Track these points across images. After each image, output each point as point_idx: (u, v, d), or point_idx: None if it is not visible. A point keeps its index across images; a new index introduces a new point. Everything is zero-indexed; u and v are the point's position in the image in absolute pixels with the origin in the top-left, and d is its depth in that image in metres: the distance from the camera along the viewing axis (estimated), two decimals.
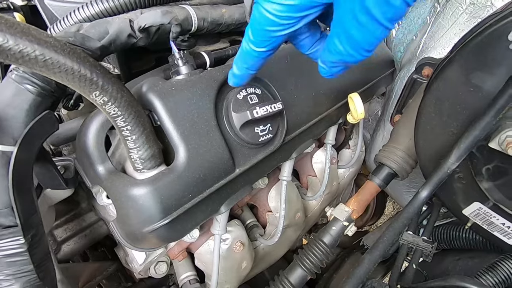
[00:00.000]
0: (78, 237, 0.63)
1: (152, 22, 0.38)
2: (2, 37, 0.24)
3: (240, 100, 0.44)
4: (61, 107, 0.48)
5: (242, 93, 0.44)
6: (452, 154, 0.43)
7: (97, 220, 0.64)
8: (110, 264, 0.69)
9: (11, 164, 0.28)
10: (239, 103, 0.44)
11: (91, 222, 0.64)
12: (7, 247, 0.29)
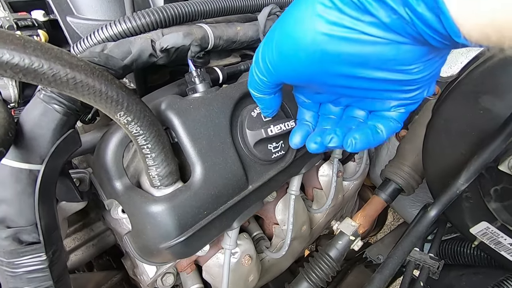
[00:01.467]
0: (86, 246, 0.63)
1: (174, 43, 0.39)
2: (38, 62, 0.25)
3: (254, 118, 0.45)
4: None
5: (256, 111, 0.45)
6: (462, 175, 0.44)
7: (105, 229, 0.65)
8: (115, 274, 0.70)
9: (38, 183, 0.29)
10: (253, 121, 0.45)
11: (99, 231, 0.64)
12: (29, 263, 0.30)
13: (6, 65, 0.24)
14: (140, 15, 0.39)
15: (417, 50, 0.25)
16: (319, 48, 0.25)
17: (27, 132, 0.29)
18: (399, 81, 0.27)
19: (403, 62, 0.26)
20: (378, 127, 0.32)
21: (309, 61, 0.26)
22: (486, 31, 0.19)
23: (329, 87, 0.31)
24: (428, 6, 0.21)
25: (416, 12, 0.21)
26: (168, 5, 0.42)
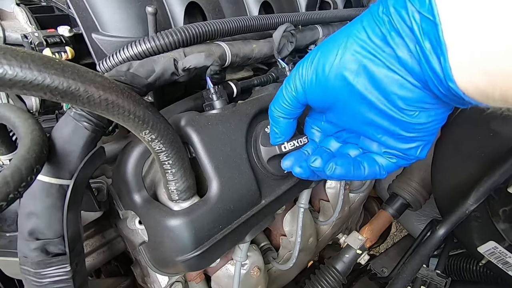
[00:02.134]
0: (97, 253, 0.64)
1: (196, 64, 0.40)
2: (75, 85, 0.26)
3: (268, 134, 0.46)
4: None
5: (270, 127, 0.46)
6: (471, 196, 0.45)
7: (115, 236, 0.66)
8: (123, 280, 0.70)
9: (67, 197, 0.30)
10: (267, 137, 0.46)
11: (110, 238, 0.65)
12: (55, 274, 0.31)
13: (47, 88, 0.25)
14: (163, 35, 0.41)
15: (418, 92, 0.27)
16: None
17: (58, 149, 0.31)
18: (394, 118, 0.29)
19: (403, 99, 0.27)
20: (362, 164, 0.34)
21: (335, 81, 0.30)
22: (475, 78, 0.21)
23: (343, 114, 0.33)
24: (433, 46, 0.22)
25: (423, 49, 0.23)
26: (190, 25, 0.44)
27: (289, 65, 0.56)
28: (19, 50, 0.25)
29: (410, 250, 0.73)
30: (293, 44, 0.59)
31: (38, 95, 0.26)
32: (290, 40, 0.59)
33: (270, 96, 0.51)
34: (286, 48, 0.59)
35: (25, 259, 0.31)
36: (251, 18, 0.52)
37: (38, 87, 0.25)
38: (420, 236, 0.73)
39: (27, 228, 0.30)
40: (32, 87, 0.25)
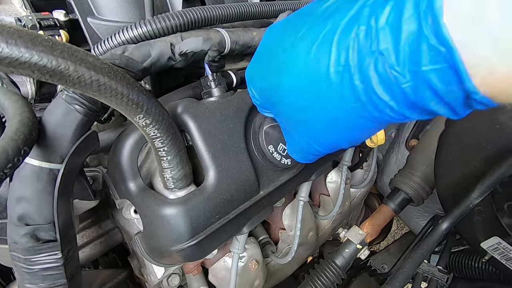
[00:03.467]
0: (94, 244, 0.64)
1: (194, 48, 0.39)
2: (65, 64, 0.25)
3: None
4: None
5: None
6: (476, 189, 0.44)
7: (113, 227, 0.65)
8: (120, 272, 0.70)
9: (58, 182, 0.29)
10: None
11: (107, 229, 0.65)
12: (45, 261, 0.30)
13: (34, 66, 0.24)
14: (160, 19, 0.39)
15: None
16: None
17: (49, 132, 0.30)
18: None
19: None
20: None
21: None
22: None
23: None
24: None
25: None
26: (188, 9, 0.42)
27: None
28: (5, 26, 0.24)
29: (411, 246, 0.72)
30: None
31: (26, 73, 0.25)
32: None
33: None
34: None
35: (14, 245, 0.30)
36: (251, 4, 0.50)
37: (25, 65, 0.24)
38: (421, 232, 0.72)
39: (17, 213, 0.29)
40: (19, 64, 0.24)
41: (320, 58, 0.25)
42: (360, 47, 0.22)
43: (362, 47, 0.22)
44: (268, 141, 0.44)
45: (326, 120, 0.28)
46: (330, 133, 0.29)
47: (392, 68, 0.20)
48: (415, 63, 0.19)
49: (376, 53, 0.21)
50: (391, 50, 0.20)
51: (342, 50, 0.23)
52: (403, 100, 0.21)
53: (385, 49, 0.20)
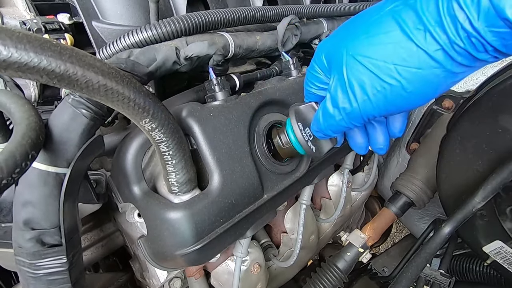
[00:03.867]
0: (95, 247, 0.64)
1: (199, 52, 0.39)
2: (73, 69, 0.25)
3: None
4: None
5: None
6: (478, 193, 0.44)
7: (114, 231, 0.65)
8: (121, 275, 0.70)
9: (64, 186, 0.29)
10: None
11: (108, 232, 0.65)
12: (50, 265, 0.30)
13: (43, 71, 0.24)
14: (165, 23, 0.40)
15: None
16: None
17: (55, 136, 0.30)
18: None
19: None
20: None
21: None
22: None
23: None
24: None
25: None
26: (192, 13, 0.42)
27: (292, 59, 0.55)
28: (15, 30, 0.24)
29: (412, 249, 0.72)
30: (297, 37, 0.58)
31: (34, 78, 0.25)
32: (294, 33, 0.58)
33: (273, 89, 0.50)
34: (290, 41, 0.58)
35: (20, 249, 0.30)
36: (255, 8, 0.50)
37: (34, 70, 0.24)
38: (422, 235, 0.72)
39: (23, 217, 0.29)
40: (28, 69, 0.24)
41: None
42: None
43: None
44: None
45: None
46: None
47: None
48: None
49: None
50: None
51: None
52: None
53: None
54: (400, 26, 0.25)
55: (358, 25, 0.29)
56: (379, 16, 0.27)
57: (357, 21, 0.29)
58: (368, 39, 0.27)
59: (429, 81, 0.26)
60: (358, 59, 0.27)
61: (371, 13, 0.28)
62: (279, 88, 0.50)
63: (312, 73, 0.34)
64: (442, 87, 0.26)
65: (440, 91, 0.27)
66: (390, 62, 0.26)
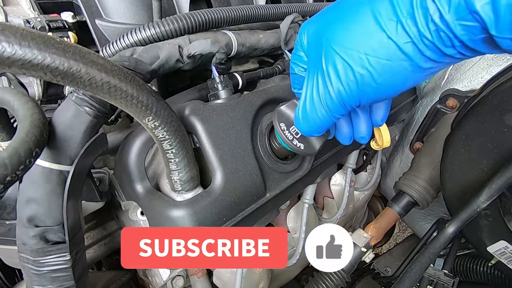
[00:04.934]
0: (98, 245, 0.64)
1: (202, 50, 0.39)
2: (77, 66, 0.25)
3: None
4: None
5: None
6: (483, 193, 0.43)
7: (117, 229, 0.65)
8: (124, 274, 0.70)
9: (67, 184, 0.29)
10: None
11: (111, 231, 0.65)
12: (53, 262, 0.30)
13: (47, 68, 0.24)
14: (168, 21, 0.40)
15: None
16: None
17: (59, 133, 0.30)
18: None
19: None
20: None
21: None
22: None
23: None
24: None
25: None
26: (195, 12, 0.42)
27: None
28: (19, 28, 0.24)
29: (415, 249, 0.72)
30: None
31: (38, 75, 0.25)
32: (297, 31, 0.58)
33: (276, 88, 0.49)
34: (293, 39, 0.57)
35: (23, 246, 0.30)
36: (257, 7, 0.50)
37: (38, 67, 0.24)
38: (426, 235, 0.72)
39: (26, 214, 0.29)
40: (32, 66, 0.24)
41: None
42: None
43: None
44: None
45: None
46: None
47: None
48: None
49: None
50: None
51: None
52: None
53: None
54: (375, 16, 0.25)
55: (339, 13, 0.29)
56: (357, 4, 0.27)
57: (339, 8, 0.29)
58: (345, 29, 0.27)
59: (398, 73, 0.26)
60: (334, 49, 0.27)
61: (351, 2, 0.28)
62: (282, 87, 0.49)
63: (296, 54, 0.34)
64: (410, 80, 0.26)
65: (409, 84, 0.27)
66: (363, 52, 0.26)
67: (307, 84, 0.31)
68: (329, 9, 0.31)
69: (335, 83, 0.28)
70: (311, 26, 0.31)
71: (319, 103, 0.30)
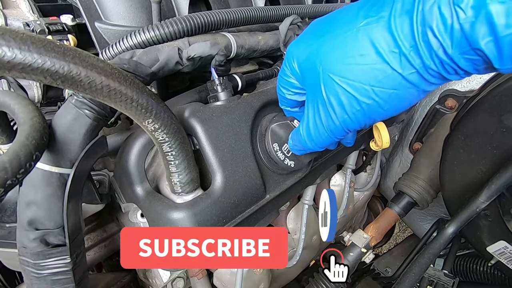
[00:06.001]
0: (98, 247, 0.64)
1: (201, 52, 0.39)
2: (76, 69, 0.26)
3: (276, 132, 0.45)
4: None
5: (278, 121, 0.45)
6: (483, 193, 0.44)
7: (117, 231, 0.65)
8: (124, 275, 0.70)
9: (68, 187, 0.29)
10: (275, 134, 0.45)
11: (111, 233, 0.65)
12: (54, 265, 0.30)
13: (47, 72, 0.24)
14: (168, 24, 0.40)
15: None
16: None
17: (59, 137, 0.30)
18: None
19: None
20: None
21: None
22: None
23: None
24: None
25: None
26: (194, 14, 0.43)
27: None
28: (19, 31, 0.24)
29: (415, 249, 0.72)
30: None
31: (38, 79, 0.25)
32: (296, 33, 0.58)
33: (276, 90, 0.49)
34: (292, 40, 0.57)
35: (24, 249, 0.30)
36: (256, 9, 0.50)
37: (38, 71, 0.24)
38: (426, 235, 0.72)
39: (27, 217, 0.29)
40: (32, 70, 0.24)
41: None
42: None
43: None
44: (274, 139, 0.43)
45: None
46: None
47: (455, 4, 0.21)
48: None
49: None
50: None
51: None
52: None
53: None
54: (375, 48, 0.25)
55: (331, 39, 0.28)
56: (353, 32, 0.27)
57: (330, 32, 0.29)
58: (343, 59, 0.27)
59: (404, 99, 0.27)
60: (335, 80, 0.28)
61: (343, 26, 0.28)
62: None
63: (285, 78, 0.35)
64: (416, 101, 0.28)
65: (413, 103, 0.28)
66: (367, 84, 0.26)
67: (308, 111, 0.32)
68: (318, 32, 0.31)
69: (340, 113, 0.29)
70: (301, 52, 0.31)
71: (323, 129, 0.31)
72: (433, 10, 0.22)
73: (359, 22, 0.26)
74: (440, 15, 0.22)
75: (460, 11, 0.21)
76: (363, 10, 0.26)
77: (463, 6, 0.21)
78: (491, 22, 0.20)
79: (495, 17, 0.20)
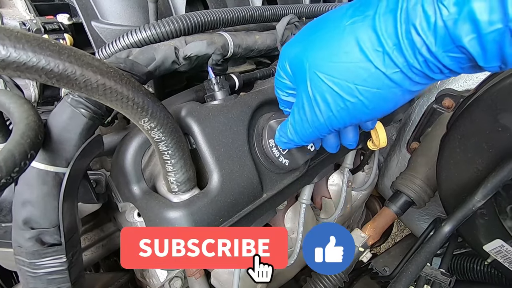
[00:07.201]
0: (96, 247, 0.64)
1: (198, 52, 0.39)
2: (72, 68, 0.25)
3: (273, 128, 0.45)
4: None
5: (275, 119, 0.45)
6: (479, 192, 0.44)
7: (114, 230, 0.65)
8: (122, 275, 0.70)
9: (63, 186, 0.29)
10: (272, 130, 0.45)
11: (109, 232, 0.65)
12: (50, 264, 0.30)
13: (41, 70, 0.24)
14: (164, 23, 0.40)
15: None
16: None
17: (54, 135, 0.30)
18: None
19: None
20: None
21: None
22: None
23: None
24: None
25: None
26: (191, 13, 0.43)
27: None
28: (13, 30, 0.24)
29: (413, 248, 0.72)
30: None
31: (33, 77, 0.25)
32: (293, 32, 0.58)
33: (273, 89, 0.49)
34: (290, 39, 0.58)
35: (19, 248, 0.30)
36: (254, 8, 0.50)
37: (33, 69, 0.24)
38: (423, 234, 0.72)
39: (22, 216, 0.29)
40: (26, 69, 0.24)
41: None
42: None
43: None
44: (270, 135, 0.43)
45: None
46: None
47: (439, 1, 0.21)
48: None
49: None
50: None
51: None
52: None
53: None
54: (360, 46, 0.25)
55: (319, 38, 0.29)
56: (340, 31, 0.27)
57: (319, 31, 0.29)
58: (329, 57, 0.27)
59: (388, 99, 0.27)
60: (320, 77, 0.28)
61: (331, 25, 0.28)
62: None
63: (279, 80, 0.35)
64: (401, 102, 0.27)
65: (399, 104, 0.28)
66: (351, 82, 0.26)
67: (295, 106, 0.33)
68: (308, 32, 0.31)
69: (324, 110, 0.29)
70: (291, 50, 0.32)
71: (307, 124, 0.31)
72: (416, 8, 0.22)
73: (346, 21, 0.26)
74: (423, 12, 0.22)
75: (444, 8, 0.21)
76: (351, 9, 0.27)
77: (446, 3, 0.21)
78: (474, 19, 0.20)
79: (478, 14, 0.20)
